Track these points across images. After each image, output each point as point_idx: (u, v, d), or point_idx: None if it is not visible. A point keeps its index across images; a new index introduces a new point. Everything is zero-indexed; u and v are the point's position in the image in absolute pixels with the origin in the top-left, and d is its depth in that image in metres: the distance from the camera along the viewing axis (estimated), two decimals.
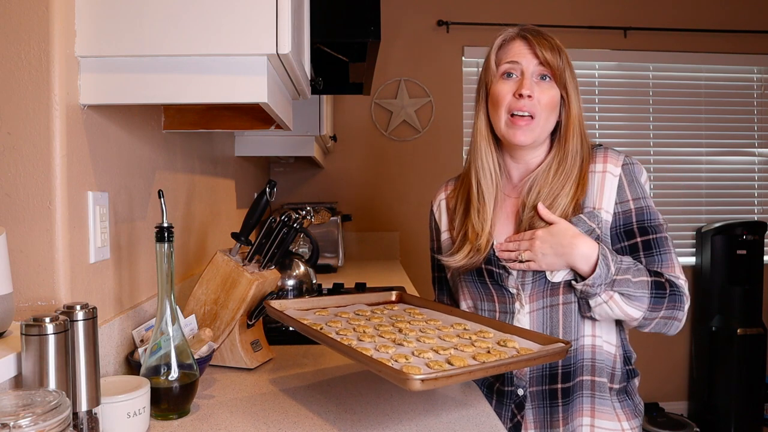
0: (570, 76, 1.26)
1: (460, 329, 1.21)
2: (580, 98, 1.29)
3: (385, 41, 3.38)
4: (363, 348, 1.06)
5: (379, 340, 1.14)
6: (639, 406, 1.30)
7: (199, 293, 1.40)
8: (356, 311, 1.36)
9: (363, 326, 1.21)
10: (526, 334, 1.14)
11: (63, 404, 0.72)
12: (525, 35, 1.26)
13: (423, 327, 1.22)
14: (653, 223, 1.24)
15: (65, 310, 0.88)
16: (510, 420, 1.26)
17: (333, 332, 1.18)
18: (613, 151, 1.28)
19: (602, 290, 1.17)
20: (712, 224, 3.80)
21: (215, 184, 2.14)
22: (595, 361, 1.25)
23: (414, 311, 1.36)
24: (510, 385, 1.27)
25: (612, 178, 1.24)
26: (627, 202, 1.24)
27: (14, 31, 1.00)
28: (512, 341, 1.11)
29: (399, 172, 3.72)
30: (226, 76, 1.06)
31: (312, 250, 2.26)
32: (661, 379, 3.86)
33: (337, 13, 1.62)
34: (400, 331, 1.20)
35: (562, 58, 1.25)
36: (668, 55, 3.82)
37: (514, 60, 1.25)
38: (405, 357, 1.03)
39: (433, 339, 1.15)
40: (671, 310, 1.20)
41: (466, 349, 1.09)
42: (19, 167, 1.02)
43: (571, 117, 1.26)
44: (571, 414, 1.24)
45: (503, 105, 1.25)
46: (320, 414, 1.11)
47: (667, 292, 1.19)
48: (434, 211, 1.46)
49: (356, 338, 1.15)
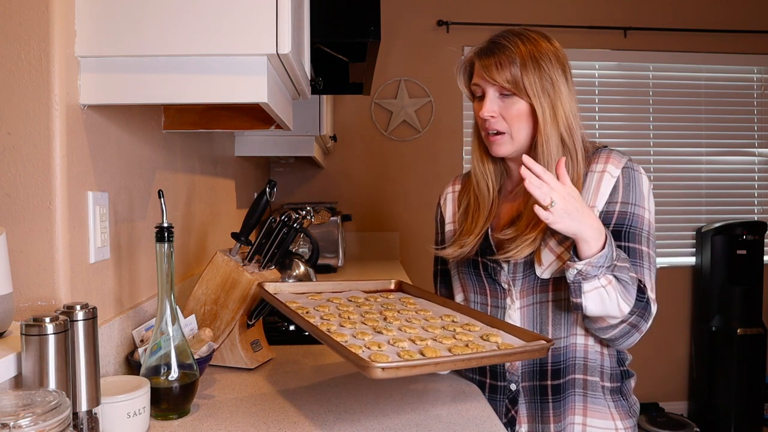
0: (536, 82, 1.21)
1: (448, 321, 1.21)
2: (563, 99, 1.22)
3: (385, 41, 3.38)
4: (339, 334, 1.07)
5: (359, 327, 1.14)
6: (634, 406, 1.30)
7: (199, 293, 1.40)
8: (349, 297, 1.36)
9: (349, 312, 1.21)
10: (514, 330, 1.13)
11: (63, 404, 0.72)
12: (478, 57, 1.27)
13: (410, 317, 1.22)
14: (632, 230, 1.20)
15: (65, 310, 0.88)
16: (504, 415, 1.27)
17: (317, 317, 1.19)
18: (617, 153, 1.27)
19: (603, 273, 1.10)
20: (712, 224, 3.80)
21: (215, 184, 2.14)
22: (587, 360, 1.25)
23: (408, 300, 1.35)
24: (503, 380, 1.28)
25: (610, 178, 1.23)
26: (615, 203, 1.22)
27: (14, 31, 1.00)
28: (496, 336, 1.10)
29: (399, 172, 3.72)
30: (226, 76, 1.06)
31: (312, 250, 2.26)
32: (661, 379, 3.86)
33: (337, 13, 1.63)
34: (385, 319, 1.20)
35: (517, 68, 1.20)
36: (668, 55, 3.82)
37: (474, 83, 1.29)
38: (378, 345, 1.03)
39: (416, 329, 1.14)
40: (640, 317, 1.17)
41: (446, 341, 1.08)
42: (19, 167, 1.02)
43: (539, 124, 1.22)
44: (562, 411, 1.24)
45: (479, 123, 1.31)
46: (320, 414, 1.11)
47: (645, 297, 1.17)
48: (441, 204, 1.48)
49: (338, 324, 1.15)
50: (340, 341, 1.02)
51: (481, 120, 1.27)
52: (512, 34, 1.26)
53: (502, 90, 1.23)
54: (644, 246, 1.21)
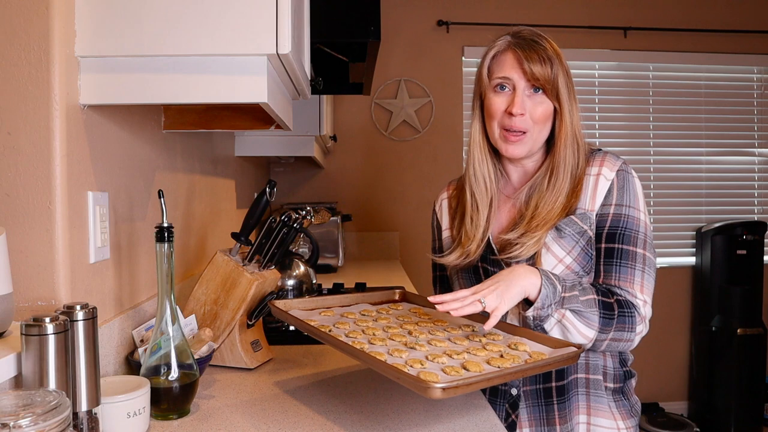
0: (564, 84, 1.23)
1: (469, 331, 1.21)
2: (576, 105, 1.26)
3: (385, 41, 3.38)
4: (376, 352, 1.05)
5: (390, 344, 1.13)
6: (635, 406, 1.30)
7: (199, 293, 1.40)
8: (362, 311, 1.35)
9: (372, 328, 1.21)
10: (535, 336, 1.14)
11: (63, 404, 0.72)
12: (515, 48, 1.24)
13: (431, 329, 1.22)
14: (627, 233, 1.21)
15: (65, 310, 0.88)
16: (504, 420, 1.27)
17: (342, 335, 1.17)
18: (611, 155, 1.27)
19: (553, 310, 1.15)
20: (712, 224, 3.80)
21: (215, 184, 2.14)
22: (588, 359, 1.26)
23: (420, 311, 1.36)
24: (503, 385, 1.27)
25: (605, 181, 1.24)
26: (609, 206, 1.23)
27: (14, 31, 1.00)
28: (523, 344, 1.11)
29: (399, 172, 3.72)
30: (226, 76, 1.06)
31: (312, 250, 2.26)
32: (661, 379, 3.86)
33: (337, 13, 1.62)
34: (410, 333, 1.19)
35: (555, 68, 1.22)
36: (668, 55, 3.82)
37: (505, 76, 1.24)
38: (420, 362, 1.02)
39: (444, 342, 1.14)
40: (620, 331, 1.17)
41: (479, 353, 1.08)
42: (19, 167, 1.02)
43: (563, 128, 1.24)
44: (568, 412, 1.24)
45: (496, 119, 1.26)
46: (320, 414, 1.11)
47: (615, 313, 1.16)
48: (436, 210, 1.48)
49: (367, 341, 1.14)
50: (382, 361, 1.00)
51: (505, 116, 1.24)
52: (538, 34, 1.26)
53: (534, 86, 1.22)
54: (639, 248, 1.21)
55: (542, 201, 1.25)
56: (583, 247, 1.23)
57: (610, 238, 1.21)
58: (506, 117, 1.24)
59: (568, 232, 1.23)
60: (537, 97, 1.23)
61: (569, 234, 1.23)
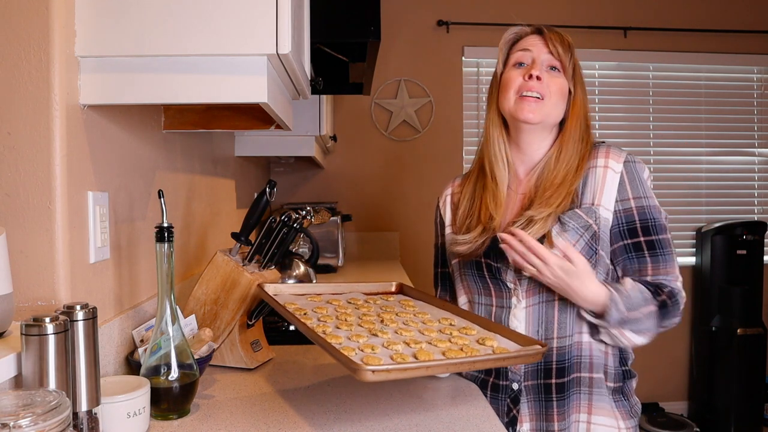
0: (579, 73, 1.31)
1: (446, 324, 1.20)
2: (587, 97, 1.33)
3: (385, 41, 3.38)
4: (334, 336, 1.07)
5: (355, 329, 1.14)
6: (635, 407, 1.30)
7: (199, 293, 1.40)
8: (349, 299, 1.36)
9: (347, 314, 1.21)
10: (510, 334, 1.13)
11: (63, 404, 0.72)
12: (537, 33, 1.31)
13: (408, 319, 1.22)
14: (656, 223, 1.24)
15: (65, 310, 0.88)
16: (506, 414, 1.27)
17: (315, 318, 1.19)
18: (615, 147, 1.29)
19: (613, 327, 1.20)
20: (712, 224, 3.80)
21: (215, 184, 2.14)
22: (592, 358, 1.26)
23: (408, 303, 1.35)
24: (505, 380, 1.28)
25: (613, 174, 1.25)
26: (628, 200, 1.24)
27: (14, 31, 1.00)
28: (491, 340, 1.10)
29: (399, 172, 3.71)
30: (226, 76, 1.06)
31: (312, 250, 2.26)
32: (661, 379, 3.86)
33: (337, 13, 1.62)
34: (382, 321, 1.20)
35: (572, 56, 1.29)
36: (668, 55, 3.82)
37: (526, 48, 1.29)
38: (372, 347, 1.03)
39: (412, 332, 1.14)
40: (670, 319, 1.23)
41: (440, 345, 1.08)
42: (19, 167, 1.02)
43: (576, 107, 1.29)
44: (567, 409, 1.24)
45: (513, 87, 1.28)
46: (320, 414, 1.11)
47: (670, 309, 1.22)
48: (440, 206, 1.48)
49: (334, 326, 1.15)
50: (334, 343, 1.02)
51: (523, 83, 1.27)
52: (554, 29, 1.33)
53: (553, 63, 1.28)
54: (667, 233, 1.26)
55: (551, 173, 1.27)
56: (588, 242, 1.23)
57: (646, 231, 1.24)
58: (524, 82, 1.27)
59: (572, 226, 1.23)
60: (554, 74, 1.28)
61: (573, 228, 1.23)
